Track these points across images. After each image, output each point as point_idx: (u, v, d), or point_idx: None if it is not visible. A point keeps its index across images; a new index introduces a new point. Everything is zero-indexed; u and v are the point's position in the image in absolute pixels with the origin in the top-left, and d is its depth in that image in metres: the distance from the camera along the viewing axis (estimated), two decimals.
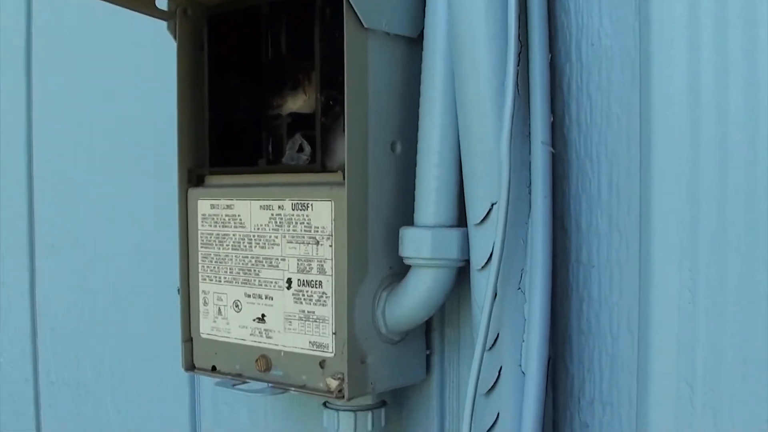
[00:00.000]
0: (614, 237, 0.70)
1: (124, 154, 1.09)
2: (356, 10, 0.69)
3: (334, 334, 0.72)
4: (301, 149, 0.79)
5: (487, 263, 0.69)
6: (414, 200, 0.73)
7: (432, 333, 0.80)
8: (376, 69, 0.72)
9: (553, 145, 0.71)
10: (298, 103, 0.82)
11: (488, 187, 0.69)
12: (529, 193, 0.70)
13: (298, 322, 0.74)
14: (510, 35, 0.66)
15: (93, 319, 1.13)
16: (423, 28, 0.74)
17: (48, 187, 1.18)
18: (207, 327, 0.82)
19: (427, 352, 0.80)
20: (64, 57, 1.15)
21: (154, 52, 1.01)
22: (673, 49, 0.64)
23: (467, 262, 0.71)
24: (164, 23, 0.83)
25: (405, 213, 0.74)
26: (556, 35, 0.72)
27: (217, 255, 0.80)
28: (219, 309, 0.80)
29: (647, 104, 0.66)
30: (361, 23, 0.70)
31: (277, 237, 0.76)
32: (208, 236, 0.81)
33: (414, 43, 0.75)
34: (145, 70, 1.06)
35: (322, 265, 0.73)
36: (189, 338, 0.83)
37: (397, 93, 0.74)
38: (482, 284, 0.69)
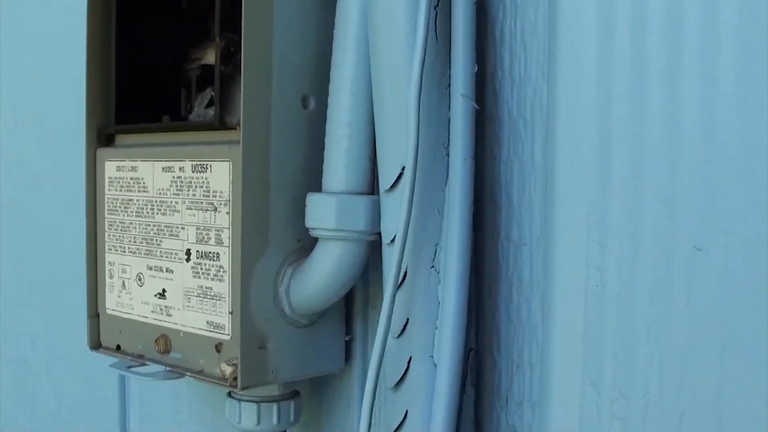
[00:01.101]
0: (547, 209, 0.60)
1: (36, 108, 1.01)
2: None
3: (230, 313, 0.63)
4: (211, 104, 0.70)
5: (395, 237, 0.59)
6: (324, 162, 0.64)
7: (354, 317, 0.71)
8: (282, 9, 0.63)
9: (482, 103, 0.61)
10: None
11: (399, 148, 0.59)
12: (447, 155, 0.60)
13: (197, 299, 0.66)
14: None
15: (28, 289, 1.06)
16: None
17: None
18: (112, 302, 0.73)
19: (347, 338, 0.70)
20: None
21: None
22: None
23: (379, 235, 0.62)
24: None
25: (319, 180, 0.65)
26: None
27: (122, 223, 0.72)
28: (123, 282, 0.72)
29: (553, 52, 0.56)
30: None
31: (177, 202, 0.67)
32: (114, 201, 0.73)
33: None
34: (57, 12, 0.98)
35: (220, 235, 0.64)
36: (95, 314, 0.75)
37: (311, 39, 0.65)
38: (390, 261, 0.59)
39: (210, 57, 0.72)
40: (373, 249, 0.63)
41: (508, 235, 0.62)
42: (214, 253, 0.64)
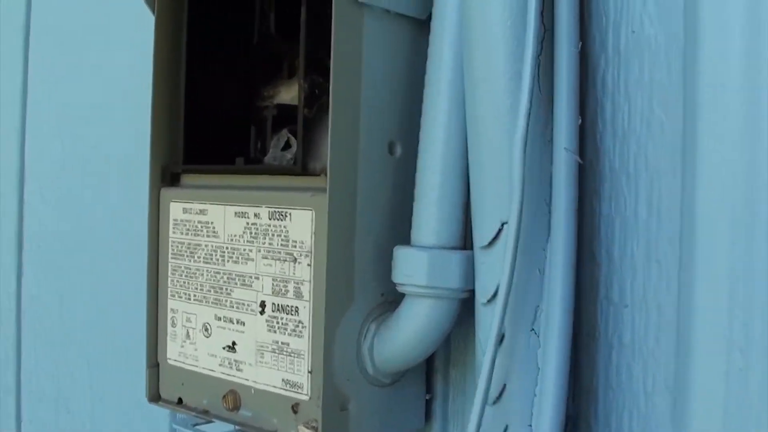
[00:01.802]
0: (653, 270, 0.57)
1: (105, 147, 0.98)
2: None
3: (310, 372, 0.60)
4: (287, 146, 0.67)
5: (493, 296, 0.56)
6: (413, 214, 0.60)
7: (434, 374, 0.67)
8: (372, 53, 0.59)
9: (582, 155, 0.58)
10: (291, 93, 0.69)
11: (499, 202, 0.56)
12: (549, 212, 0.57)
13: (271, 354, 0.62)
14: (530, 13, 0.53)
15: (76, 325, 1.02)
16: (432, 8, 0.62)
17: (39, 183, 1.07)
18: (174, 352, 0.70)
19: (427, 397, 0.67)
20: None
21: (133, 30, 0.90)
22: (727, 36, 0.51)
23: (473, 292, 0.59)
24: None
25: (404, 230, 0.61)
26: (588, 19, 0.59)
27: (188, 268, 0.68)
28: (188, 332, 0.69)
29: (693, 105, 0.53)
30: None
31: (251, 251, 0.64)
32: (179, 245, 0.69)
33: (422, 26, 0.63)
34: (125, 49, 0.95)
35: (299, 288, 0.60)
36: (155, 363, 0.71)
37: (399, 84, 0.62)
38: (488, 322, 0.56)
39: (284, 95, 0.69)
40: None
41: (607, 295, 0.59)
42: (292, 306, 0.61)
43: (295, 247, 0.61)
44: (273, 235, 0.62)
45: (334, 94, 0.57)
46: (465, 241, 0.60)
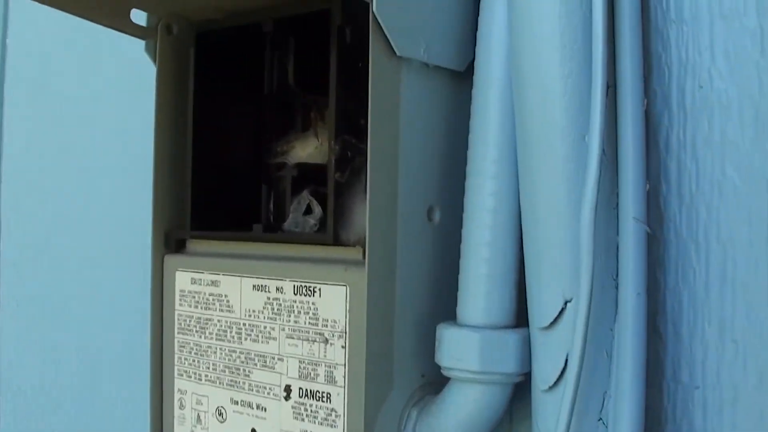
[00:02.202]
0: (728, 349, 0.51)
1: (96, 206, 0.91)
2: (387, 33, 0.51)
3: None
4: (309, 211, 0.61)
5: (557, 382, 0.50)
6: (456, 287, 0.55)
7: None
8: (410, 110, 0.54)
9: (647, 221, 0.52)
10: (307, 149, 0.63)
11: (561, 277, 0.50)
12: (616, 287, 0.51)
13: None
14: (597, 69, 0.48)
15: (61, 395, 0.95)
16: (472, 59, 0.56)
17: (20, 252, 1.00)
18: None
19: None
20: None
21: (131, 79, 0.84)
22: None
23: (527, 375, 0.53)
24: (142, 42, 0.65)
25: (443, 303, 0.56)
26: (650, 73, 0.54)
27: (197, 345, 0.62)
28: (198, 415, 0.62)
29: None
30: (393, 50, 0.52)
31: (274, 329, 0.57)
32: (188, 319, 0.63)
33: (460, 79, 0.57)
34: (122, 101, 0.88)
35: (332, 372, 0.54)
36: None
37: (437, 142, 0.56)
38: (550, 411, 0.50)
39: (299, 152, 0.63)
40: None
41: (675, 376, 0.53)
42: (323, 393, 0.55)
43: (326, 326, 0.54)
44: (299, 312, 0.56)
45: (373, 156, 0.51)
46: (517, 320, 0.54)
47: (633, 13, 0.51)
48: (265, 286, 0.58)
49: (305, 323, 0.55)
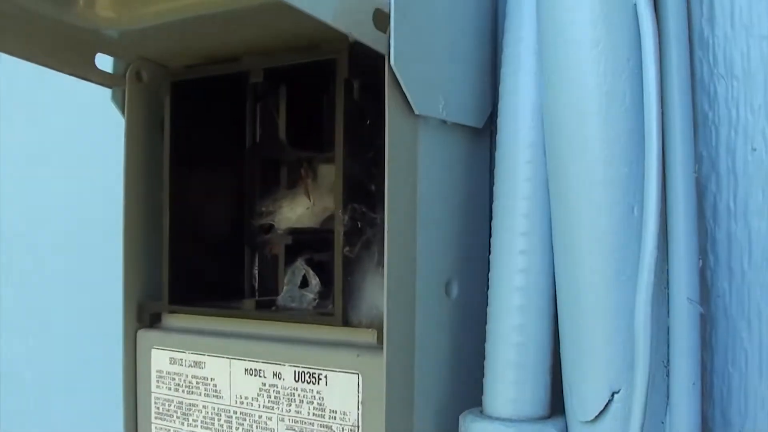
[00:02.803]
0: None
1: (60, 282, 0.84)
2: (405, 89, 0.45)
3: None
4: (305, 283, 0.54)
5: None
6: (476, 369, 0.49)
7: None
8: (428, 173, 0.48)
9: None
10: (297, 210, 0.57)
11: (608, 367, 0.44)
12: (668, 375, 0.46)
13: None
14: (651, 132, 0.43)
15: None
16: (490, 113, 0.51)
17: None
18: None
19: None
20: None
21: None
22: None
23: None
24: (108, 91, 0.58)
25: (463, 388, 0.50)
26: (695, 134, 0.49)
27: None
28: None
29: None
30: (411, 107, 0.46)
31: (270, 419, 0.51)
32: (167, 404, 0.55)
33: (478, 137, 0.51)
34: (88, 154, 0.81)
35: None
36: None
37: (455, 208, 0.50)
38: None
39: (287, 213, 0.57)
40: None
41: None
42: None
43: (335, 419, 0.48)
44: (301, 401, 0.49)
45: (390, 226, 0.45)
46: (551, 410, 0.48)
47: (681, 66, 0.46)
48: (260, 370, 0.51)
49: (309, 414, 0.49)
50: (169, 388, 0.55)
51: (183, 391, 0.54)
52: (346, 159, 0.48)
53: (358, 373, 0.47)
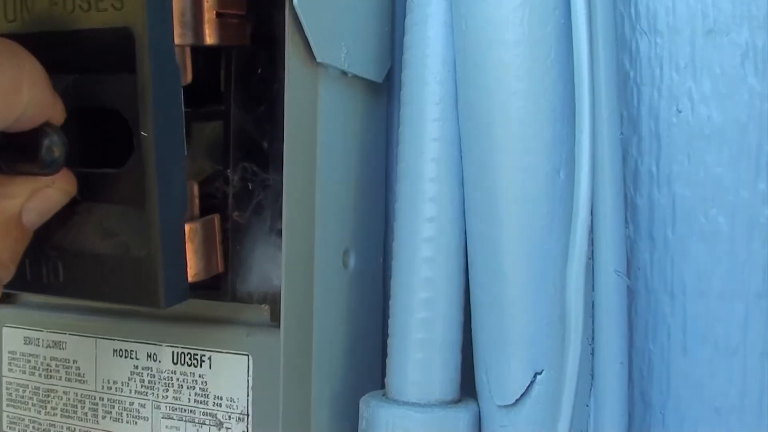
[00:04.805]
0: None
1: None
2: (308, 33, 0.40)
3: None
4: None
5: None
6: (373, 349, 0.44)
7: None
8: (329, 129, 0.43)
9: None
10: None
11: (528, 344, 0.41)
12: (592, 354, 0.42)
13: None
14: (582, 86, 0.39)
15: None
16: (390, 67, 0.46)
17: None
18: None
19: None
20: None
21: None
22: None
23: None
24: None
25: (361, 369, 0.45)
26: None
27: (35, 423, 0.48)
28: None
29: None
30: (313, 55, 0.41)
31: (144, 406, 0.45)
32: (21, 390, 0.49)
33: (377, 92, 0.47)
34: None
35: None
36: None
37: (353, 171, 0.45)
38: None
39: None
40: None
41: None
42: None
43: (220, 406, 0.43)
44: (181, 386, 0.44)
45: (289, 188, 0.40)
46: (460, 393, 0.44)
47: (607, 18, 0.42)
48: (132, 351, 0.45)
49: (189, 401, 0.43)
50: (24, 372, 0.48)
51: (40, 375, 0.48)
52: (236, 110, 0.43)
53: (248, 355, 0.42)
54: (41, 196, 0.37)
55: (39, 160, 0.36)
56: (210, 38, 0.40)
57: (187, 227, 0.39)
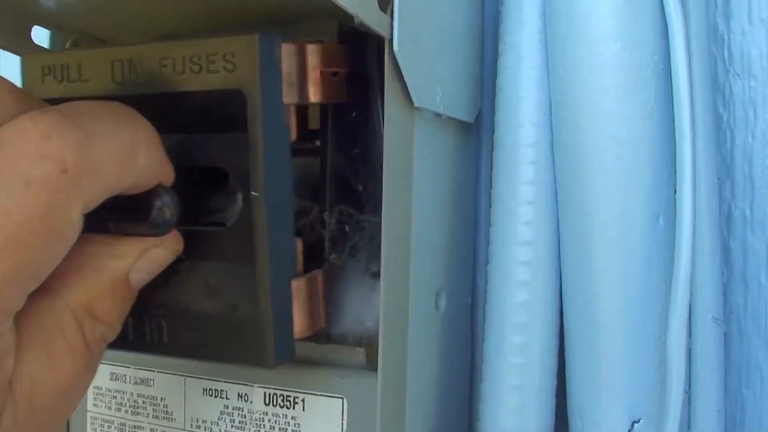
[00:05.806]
0: None
1: None
2: (406, 78, 0.40)
3: None
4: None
5: None
6: (463, 390, 0.44)
7: None
8: (424, 172, 0.43)
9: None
10: None
11: (626, 392, 0.40)
12: (689, 402, 0.42)
13: None
14: (684, 133, 0.39)
15: None
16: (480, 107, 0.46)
17: None
18: None
19: None
20: None
21: None
22: None
23: None
24: None
25: (451, 411, 0.45)
26: None
27: None
28: None
29: None
30: (410, 99, 0.41)
31: None
32: (106, 425, 0.49)
33: (468, 133, 0.47)
34: None
35: None
36: None
37: (446, 212, 0.45)
38: None
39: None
40: None
41: None
42: None
43: None
44: (273, 428, 0.44)
45: (387, 230, 0.40)
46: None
47: (702, 62, 0.42)
48: (222, 391, 0.45)
49: None
50: (109, 408, 0.49)
51: (127, 411, 0.48)
52: (333, 154, 0.43)
53: (342, 398, 0.42)
54: (150, 256, 0.36)
55: (150, 221, 0.36)
56: (314, 96, 0.40)
57: (293, 284, 0.39)
